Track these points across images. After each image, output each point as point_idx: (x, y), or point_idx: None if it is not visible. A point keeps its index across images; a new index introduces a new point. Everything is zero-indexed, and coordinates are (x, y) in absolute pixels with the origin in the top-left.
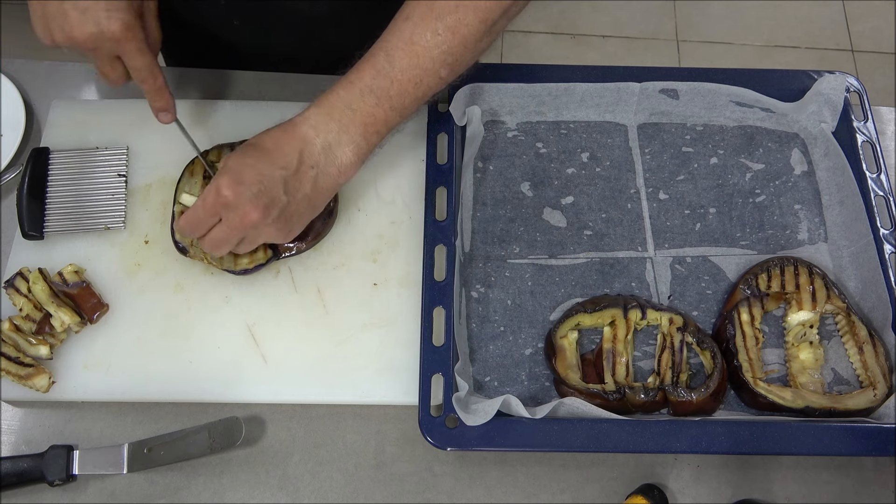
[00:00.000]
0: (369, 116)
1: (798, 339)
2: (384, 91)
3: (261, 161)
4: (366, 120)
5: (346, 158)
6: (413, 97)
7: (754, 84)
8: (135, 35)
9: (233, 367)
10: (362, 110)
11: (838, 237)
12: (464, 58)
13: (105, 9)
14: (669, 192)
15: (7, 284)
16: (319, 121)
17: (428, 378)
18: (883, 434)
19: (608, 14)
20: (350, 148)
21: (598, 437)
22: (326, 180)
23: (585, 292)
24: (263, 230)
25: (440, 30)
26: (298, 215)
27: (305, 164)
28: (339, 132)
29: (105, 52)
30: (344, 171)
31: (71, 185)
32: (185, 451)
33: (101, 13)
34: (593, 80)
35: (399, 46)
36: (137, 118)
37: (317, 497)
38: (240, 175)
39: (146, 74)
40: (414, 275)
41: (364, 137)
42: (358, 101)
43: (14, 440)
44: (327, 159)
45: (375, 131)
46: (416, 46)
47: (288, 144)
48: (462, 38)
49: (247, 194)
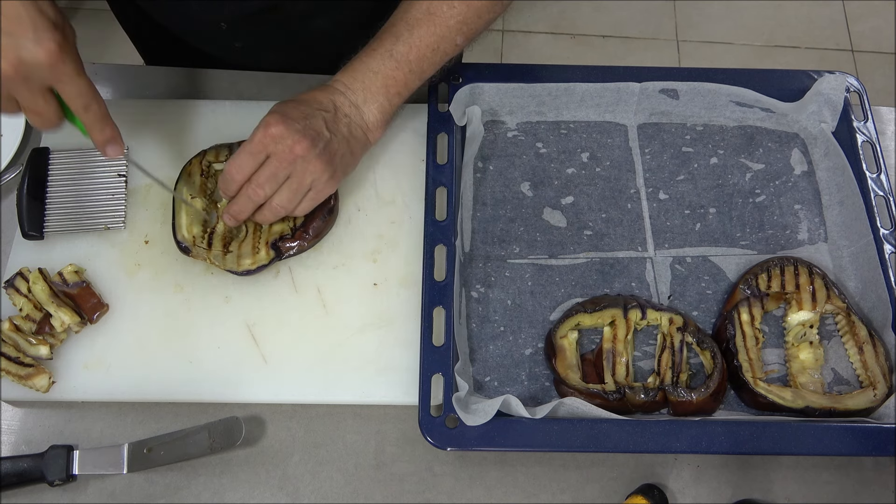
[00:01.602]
0: (391, 79)
1: (798, 339)
2: (404, 56)
3: (302, 104)
4: (387, 82)
5: (372, 117)
6: (431, 61)
7: (754, 84)
8: (71, 56)
9: (233, 367)
10: (383, 73)
11: (838, 237)
12: (477, 26)
13: (33, 30)
14: (669, 192)
15: (7, 284)
16: (347, 81)
17: (428, 378)
18: (883, 434)
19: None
20: (375, 107)
21: (598, 437)
22: (359, 132)
23: (585, 292)
24: (311, 163)
25: (456, 3)
26: (340, 155)
27: (341, 112)
28: (364, 92)
29: (36, 84)
30: (371, 129)
31: (71, 185)
32: (185, 451)
33: (29, 36)
34: (593, 80)
35: (418, 17)
36: (137, 118)
37: (317, 497)
38: (285, 112)
39: (89, 100)
40: (414, 275)
41: (387, 98)
42: (379, 65)
43: (14, 440)
44: (357, 114)
45: (397, 92)
46: (434, 17)
47: (322, 95)
48: (476, 8)
49: (294, 126)
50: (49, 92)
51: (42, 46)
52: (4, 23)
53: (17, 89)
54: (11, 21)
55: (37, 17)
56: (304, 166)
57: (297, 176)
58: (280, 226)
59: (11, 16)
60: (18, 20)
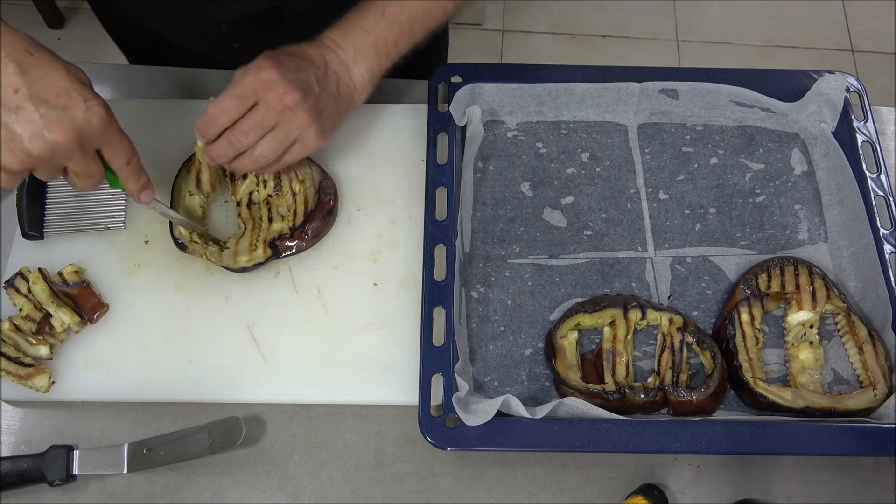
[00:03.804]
0: (381, 38)
1: (798, 339)
2: (395, 16)
3: (293, 56)
4: (378, 41)
5: (361, 76)
6: (422, 24)
7: (754, 84)
8: (113, 117)
9: (233, 367)
10: (375, 32)
11: (838, 237)
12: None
13: (83, 100)
14: (669, 192)
15: (7, 284)
16: (338, 39)
17: (428, 378)
18: (883, 434)
19: (608, 14)
20: (364, 67)
21: (598, 437)
22: (347, 91)
23: (585, 292)
24: (300, 115)
25: None
26: (328, 112)
27: (330, 69)
28: (354, 51)
29: (90, 149)
30: (359, 89)
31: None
32: (185, 451)
33: (80, 106)
34: (593, 80)
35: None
36: (137, 118)
37: (317, 497)
38: (279, 60)
39: (130, 154)
40: (414, 275)
41: (377, 58)
42: (371, 24)
43: (14, 440)
44: (347, 72)
45: (386, 53)
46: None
47: (314, 51)
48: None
49: (287, 75)
50: (96, 154)
51: (94, 113)
52: (55, 98)
53: (73, 157)
54: (61, 95)
55: (80, 87)
56: (291, 118)
57: (283, 126)
58: (279, 225)
59: (60, 90)
60: (67, 93)
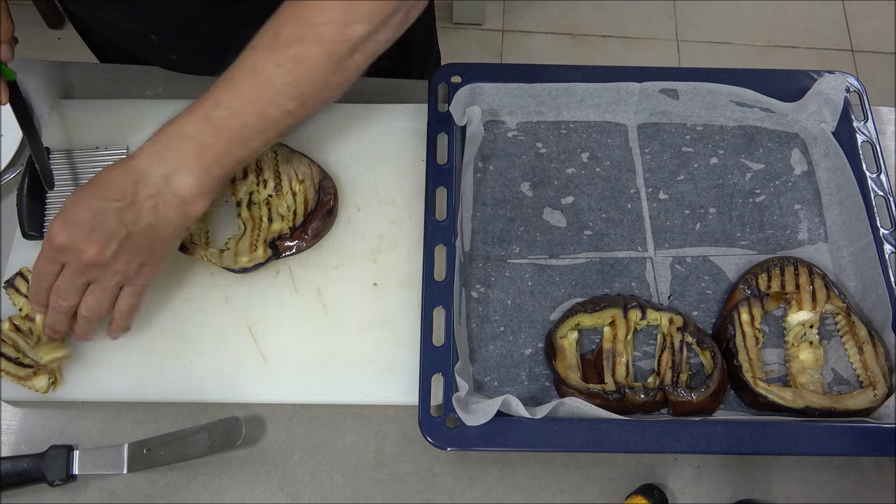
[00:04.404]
0: (207, 147)
1: (798, 339)
2: (223, 121)
3: (93, 197)
4: (203, 150)
5: (186, 187)
6: (256, 129)
7: (754, 84)
8: None
9: (233, 367)
10: (199, 140)
11: (838, 237)
12: (313, 92)
13: None
14: (669, 192)
15: (7, 284)
16: (154, 151)
17: (428, 378)
18: (883, 434)
19: (608, 14)
20: (189, 178)
21: (598, 437)
22: (169, 210)
23: (585, 292)
24: (110, 266)
25: (282, 60)
26: (146, 247)
27: (142, 195)
28: (175, 161)
29: None
30: (187, 201)
31: (71, 185)
32: (185, 451)
33: None
34: (593, 80)
35: (243, 77)
36: (137, 118)
37: (317, 497)
38: (70, 216)
39: None
40: (414, 275)
41: (203, 168)
42: (194, 131)
43: (14, 440)
44: (167, 188)
45: (216, 162)
46: (259, 77)
47: (122, 177)
48: (306, 70)
49: (80, 233)
50: None
51: None
52: None
53: None
54: None
55: None
56: (102, 271)
57: (98, 281)
58: (279, 225)
59: None
60: None
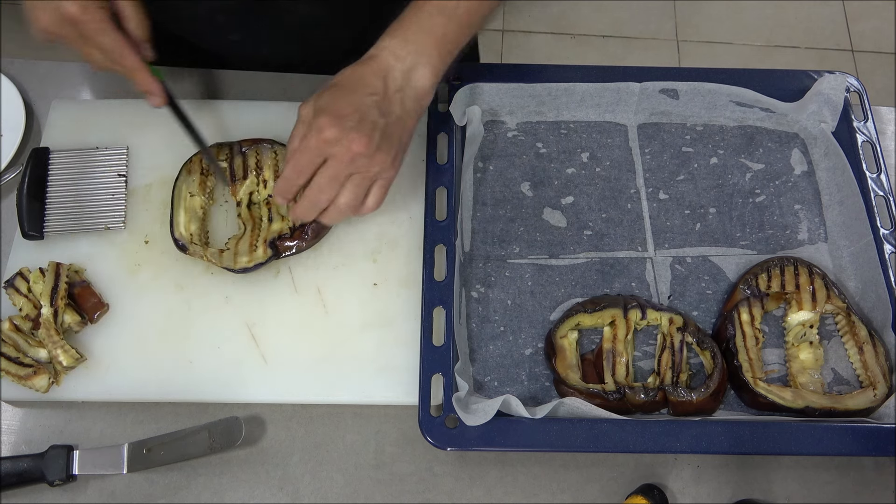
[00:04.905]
0: (441, 37)
1: (798, 339)
2: (452, 9)
3: (351, 93)
4: (439, 41)
5: (425, 80)
6: (478, 13)
7: (754, 84)
8: (92, 16)
9: (233, 367)
10: (435, 31)
11: (838, 237)
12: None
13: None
14: (669, 192)
15: (7, 284)
16: (396, 47)
17: (428, 378)
18: (883, 434)
19: (608, 14)
20: (428, 69)
21: (598, 437)
22: (411, 102)
23: (585, 292)
24: (372, 157)
25: None
26: (398, 137)
27: (391, 89)
28: (416, 55)
29: (74, 37)
30: (423, 94)
31: (71, 185)
32: (185, 451)
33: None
34: (593, 80)
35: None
36: (137, 118)
37: (317, 497)
38: (336, 110)
39: (116, 56)
40: (414, 275)
41: (440, 58)
42: (429, 22)
43: (14, 440)
44: (409, 83)
45: (448, 51)
46: None
47: (371, 75)
48: None
49: (349, 125)
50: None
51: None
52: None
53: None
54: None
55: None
56: (365, 162)
57: (359, 173)
58: (279, 225)
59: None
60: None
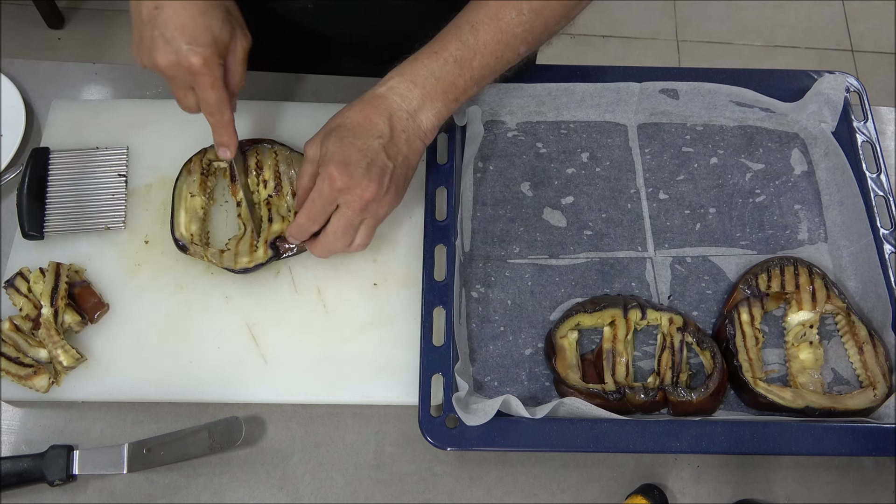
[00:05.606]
0: (451, 85)
1: (798, 339)
2: (467, 62)
3: (357, 137)
4: (447, 88)
5: (428, 123)
6: (492, 69)
7: (754, 84)
8: (211, 71)
9: (233, 367)
10: (445, 79)
11: (838, 237)
12: (542, 37)
13: (188, 42)
14: (669, 192)
15: (7, 284)
16: (404, 88)
17: (428, 378)
18: (883, 434)
19: (608, 14)
20: (432, 113)
21: (598, 437)
22: (416, 143)
23: (585, 292)
24: (383, 200)
25: (525, 9)
26: (404, 177)
27: (397, 130)
28: (422, 98)
29: (181, 82)
30: (427, 134)
31: (71, 185)
32: (185, 451)
33: (183, 45)
34: (593, 80)
35: (484, 21)
36: (137, 118)
37: (317, 497)
38: (346, 157)
39: (214, 110)
40: (414, 275)
41: (445, 104)
42: (441, 70)
43: (14, 440)
44: (413, 124)
45: (454, 98)
46: (501, 23)
47: (377, 115)
48: (544, 19)
49: (359, 172)
50: (191, 90)
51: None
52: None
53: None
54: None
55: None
56: (375, 206)
57: (370, 216)
58: (279, 225)
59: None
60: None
